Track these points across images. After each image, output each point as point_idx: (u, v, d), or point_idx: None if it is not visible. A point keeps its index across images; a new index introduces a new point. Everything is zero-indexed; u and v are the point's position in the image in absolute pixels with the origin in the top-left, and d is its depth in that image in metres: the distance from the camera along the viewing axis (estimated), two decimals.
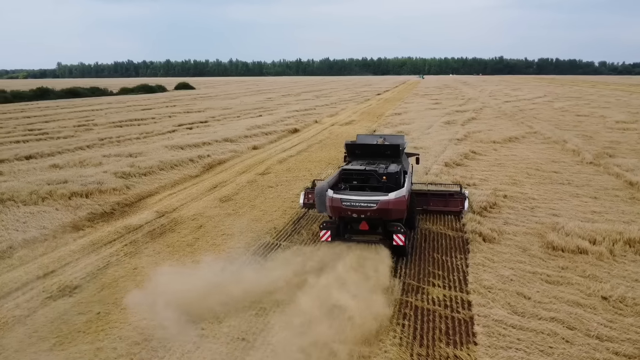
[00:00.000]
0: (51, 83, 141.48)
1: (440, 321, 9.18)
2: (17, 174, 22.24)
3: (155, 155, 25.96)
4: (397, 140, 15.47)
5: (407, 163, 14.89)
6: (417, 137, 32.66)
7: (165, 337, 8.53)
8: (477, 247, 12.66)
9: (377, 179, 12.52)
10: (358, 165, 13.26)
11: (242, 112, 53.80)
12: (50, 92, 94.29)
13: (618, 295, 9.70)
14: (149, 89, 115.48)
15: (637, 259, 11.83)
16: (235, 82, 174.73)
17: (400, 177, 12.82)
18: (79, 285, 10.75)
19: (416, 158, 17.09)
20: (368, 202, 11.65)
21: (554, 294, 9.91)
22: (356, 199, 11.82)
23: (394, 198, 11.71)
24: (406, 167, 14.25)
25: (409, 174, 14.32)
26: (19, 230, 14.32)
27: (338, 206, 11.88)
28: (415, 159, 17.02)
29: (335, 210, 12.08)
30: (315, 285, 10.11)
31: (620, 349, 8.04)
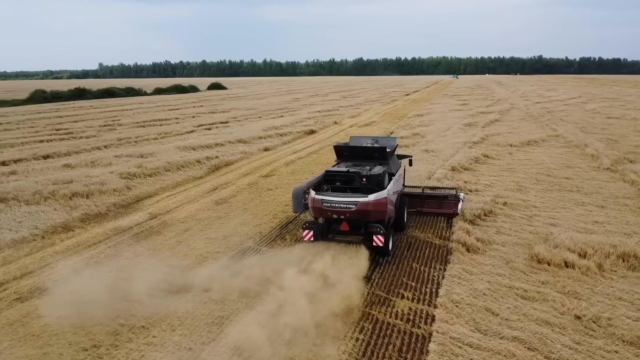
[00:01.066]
0: (91, 83, 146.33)
1: (397, 337, 8.83)
2: (30, 173, 22.95)
3: (165, 156, 26.30)
4: (389, 143, 15.51)
5: (395, 165, 14.72)
6: (431, 139, 31.97)
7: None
8: (458, 257, 12.18)
9: (359, 180, 12.54)
10: (342, 167, 13.36)
11: (265, 113, 54.07)
12: (87, 92, 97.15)
13: (593, 315, 9.10)
14: (182, 89, 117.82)
15: (627, 275, 11.11)
16: (268, 82, 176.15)
17: (383, 180, 12.75)
18: (49, 288, 10.89)
19: (409, 160, 17.01)
20: (347, 204, 11.91)
21: (525, 311, 9.38)
22: (336, 200, 12.02)
23: (373, 200, 11.88)
24: (393, 170, 14.13)
25: (397, 176, 14.30)
26: (12, 230, 14.70)
27: (319, 207, 12.18)
28: (408, 161, 16.94)
29: (316, 210, 12.39)
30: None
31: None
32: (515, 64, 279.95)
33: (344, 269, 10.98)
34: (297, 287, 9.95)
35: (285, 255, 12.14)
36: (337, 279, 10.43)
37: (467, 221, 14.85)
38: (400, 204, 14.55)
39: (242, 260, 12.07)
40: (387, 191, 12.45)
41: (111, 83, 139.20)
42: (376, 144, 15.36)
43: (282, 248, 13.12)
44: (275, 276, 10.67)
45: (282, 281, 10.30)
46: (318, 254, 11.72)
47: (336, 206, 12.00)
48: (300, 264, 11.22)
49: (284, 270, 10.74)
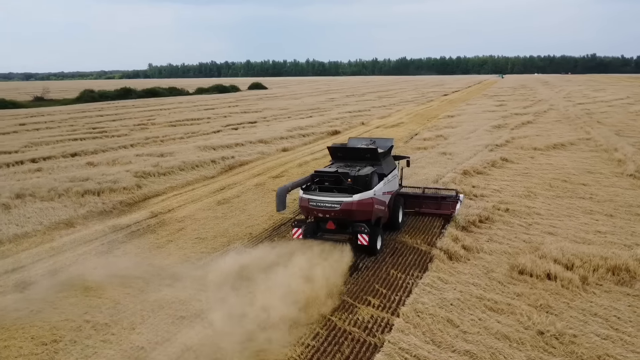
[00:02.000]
0: (138, 83, 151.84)
1: (349, 345, 8.72)
2: (53, 171, 24.08)
3: (183, 155, 26.94)
4: (385, 144, 15.77)
5: (389, 166, 14.80)
6: (453, 142, 31.27)
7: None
8: (437, 265, 11.87)
9: (345, 181, 12.74)
10: (332, 168, 13.63)
11: (295, 113, 54.41)
12: (132, 92, 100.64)
13: (557, 331, 8.66)
14: (223, 89, 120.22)
15: (612, 289, 10.51)
16: (308, 82, 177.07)
17: (371, 180, 12.88)
18: (34, 282, 11.41)
19: (407, 161, 17.10)
20: (332, 203, 12.28)
21: (488, 324, 9.05)
22: (322, 199, 12.39)
23: (358, 200, 12.19)
24: (385, 170, 14.25)
25: (390, 177, 14.43)
26: (18, 225, 15.49)
27: (306, 206, 12.65)
28: (405, 162, 17.03)
29: (304, 209, 12.92)
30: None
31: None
32: (566, 62, 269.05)
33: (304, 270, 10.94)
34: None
35: (249, 254, 12.32)
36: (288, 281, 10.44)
37: (460, 228, 14.45)
38: (394, 204, 14.74)
39: (217, 261, 12.17)
40: (373, 191, 12.69)
41: (157, 83, 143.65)
42: (372, 145, 15.46)
43: (252, 248, 13.22)
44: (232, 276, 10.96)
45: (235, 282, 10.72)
46: (282, 255, 11.84)
47: (322, 205, 12.38)
48: (260, 264, 11.41)
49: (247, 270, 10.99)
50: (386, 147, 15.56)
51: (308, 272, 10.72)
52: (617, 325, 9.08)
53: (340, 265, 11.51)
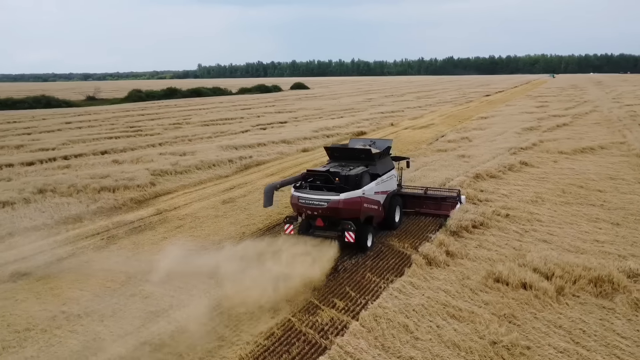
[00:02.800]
0: (187, 83, 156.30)
1: (299, 346, 8.84)
2: (80, 168, 25.35)
3: (204, 154, 27.70)
4: (384, 145, 16.14)
5: (384, 167, 15.14)
6: (476, 144, 30.60)
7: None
8: (414, 270, 11.74)
9: (333, 180, 13.14)
10: (327, 167, 14.14)
11: (328, 113, 54.62)
12: (177, 91, 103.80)
13: (510, 341, 8.44)
14: (265, 89, 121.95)
15: (589, 301, 10.09)
16: (351, 82, 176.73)
17: (361, 180, 13.24)
18: (28, 273, 12.16)
19: (406, 162, 17.36)
20: (320, 201, 12.77)
21: (443, 332, 8.93)
22: (311, 197, 12.87)
23: (344, 198, 12.61)
24: (380, 171, 14.59)
25: (386, 177, 14.86)
26: (31, 219, 16.49)
27: (296, 203, 13.23)
28: (405, 163, 17.31)
29: (294, 206, 13.46)
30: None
31: None
32: (625, 61, 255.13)
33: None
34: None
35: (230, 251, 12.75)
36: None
37: (450, 233, 14.21)
38: (390, 203, 15.05)
39: (200, 257, 12.55)
40: (362, 191, 13.10)
41: (204, 83, 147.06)
42: (371, 146, 15.74)
43: (234, 246, 13.54)
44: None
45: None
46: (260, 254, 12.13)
47: (310, 203, 12.89)
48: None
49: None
50: (382, 148, 15.72)
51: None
52: (580, 339, 8.74)
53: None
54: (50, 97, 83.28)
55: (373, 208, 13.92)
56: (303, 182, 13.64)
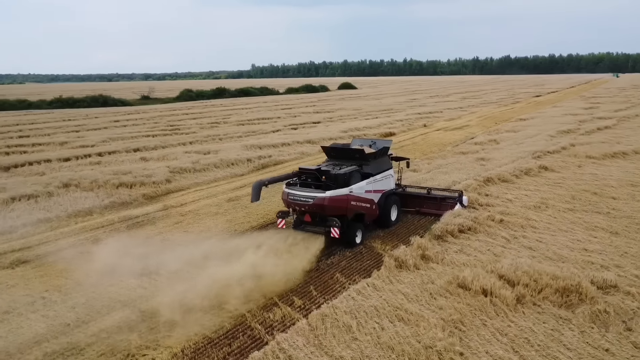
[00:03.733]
0: (238, 83, 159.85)
1: (241, 340, 9.20)
2: (109, 164, 26.86)
3: (226, 153, 28.59)
4: (383, 145, 16.55)
5: (379, 166, 15.53)
6: (502, 147, 29.83)
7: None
8: (382, 273, 11.79)
9: (329, 178, 13.81)
10: (322, 166, 14.89)
11: (364, 114, 54.56)
12: (226, 91, 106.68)
13: (443, 346, 8.40)
14: (312, 88, 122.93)
15: (548, 311, 9.81)
16: (401, 82, 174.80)
17: (349, 178, 13.83)
18: (28, 261, 13.22)
19: (406, 162, 17.71)
20: (306, 198, 13.44)
21: (383, 334, 8.98)
22: (299, 194, 13.57)
23: (329, 196, 13.22)
24: (373, 170, 15.06)
25: (380, 177, 15.32)
26: (47, 211, 17.77)
27: (286, 199, 13.99)
28: (405, 163, 17.70)
29: (285, 202, 14.21)
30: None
31: None
32: None
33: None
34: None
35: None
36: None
37: (434, 236, 14.10)
38: (386, 202, 15.49)
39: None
40: (349, 189, 13.67)
41: (254, 83, 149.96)
42: (373, 146, 16.37)
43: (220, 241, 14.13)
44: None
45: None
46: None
47: (298, 199, 13.60)
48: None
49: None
50: (378, 148, 16.06)
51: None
52: (521, 348, 8.57)
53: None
54: (107, 96, 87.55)
55: (363, 206, 14.39)
56: (297, 179, 14.34)
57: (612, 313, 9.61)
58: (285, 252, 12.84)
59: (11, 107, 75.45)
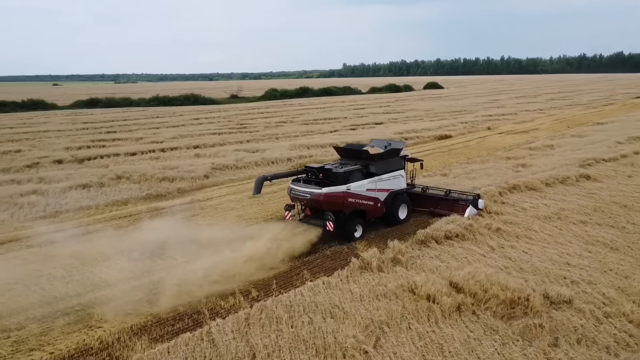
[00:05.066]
0: (322, 82, 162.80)
1: (185, 322, 10.27)
2: (165, 159, 29.40)
3: (271, 152, 30.04)
4: (397, 146, 17.36)
5: (386, 167, 16.32)
6: (553, 153, 28.34)
7: None
8: (343, 272, 12.20)
9: (332, 175, 14.98)
10: (328, 165, 16.16)
11: (433, 115, 53.68)
12: (309, 91, 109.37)
13: (352, 344, 8.80)
14: (395, 88, 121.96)
15: (484, 320, 9.75)
16: (494, 81, 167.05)
17: (348, 177, 14.90)
18: (55, 242, 15.25)
19: (420, 164, 18.43)
20: (305, 193, 14.57)
21: (309, 328, 9.53)
22: (299, 189, 14.85)
23: (325, 192, 14.33)
24: (379, 170, 15.98)
25: (387, 176, 16.16)
26: (91, 199, 20.22)
27: (289, 194, 15.24)
28: (419, 165, 18.50)
29: (289, 196, 15.42)
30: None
31: None
32: None
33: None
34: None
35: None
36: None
37: (417, 241, 14.22)
38: (393, 201, 16.31)
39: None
40: (346, 187, 14.71)
41: (341, 82, 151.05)
42: (388, 147, 17.19)
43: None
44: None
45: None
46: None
47: (299, 194, 14.78)
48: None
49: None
50: (392, 149, 16.86)
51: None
52: (430, 353, 8.74)
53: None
54: (198, 95, 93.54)
55: (364, 203, 15.34)
56: (305, 175, 15.57)
57: (547, 328, 9.39)
58: (284, 241, 13.96)
59: (116, 104, 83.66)
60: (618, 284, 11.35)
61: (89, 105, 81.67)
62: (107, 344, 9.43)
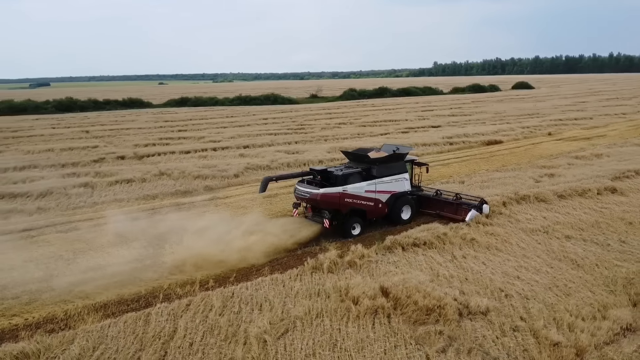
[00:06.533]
0: (407, 82, 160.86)
1: (137, 304, 11.95)
2: (211, 158, 31.84)
3: (308, 154, 31.43)
4: (403, 151, 18.69)
5: (387, 170, 17.49)
6: (597, 162, 26.75)
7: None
8: (293, 271, 13.21)
9: (332, 177, 16.57)
10: (331, 167, 17.85)
11: (499, 118, 52.00)
12: (387, 91, 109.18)
13: (256, 334, 9.90)
14: (479, 88, 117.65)
15: (392, 324, 10.38)
16: (594, 80, 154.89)
17: (346, 179, 16.36)
18: (79, 229, 17.87)
19: (426, 168, 19.65)
20: (305, 193, 16.24)
21: (228, 316, 10.83)
22: (301, 189, 16.60)
23: (322, 192, 15.82)
24: (378, 173, 17.17)
25: (388, 179, 17.36)
26: (127, 192, 22.90)
27: (295, 193, 16.96)
28: (425, 169, 19.69)
29: (295, 196, 17.10)
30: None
31: None
32: None
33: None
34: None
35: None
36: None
37: (384, 247, 14.81)
38: (395, 203, 17.52)
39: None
40: (343, 188, 16.12)
41: (425, 82, 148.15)
42: (397, 151, 18.52)
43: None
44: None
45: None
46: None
47: (300, 194, 16.48)
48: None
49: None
50: (389, 153, 18.17)
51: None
52: (320, 348, 9.59)
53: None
54: (278, 95, 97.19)
55: (362, 203, 16.65)
56: (312, 177, 17.19)
57: (446, 335, 9.83)
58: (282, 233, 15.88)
59: (203, 103, 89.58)
60: (552, 300, 11.30)
61: (179, 104, 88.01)
62: (69, 316, 11.33)
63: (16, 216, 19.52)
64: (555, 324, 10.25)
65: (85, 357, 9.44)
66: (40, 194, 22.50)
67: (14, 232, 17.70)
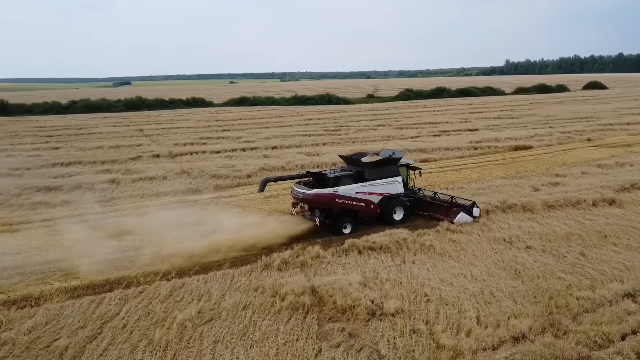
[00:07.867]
0: (476, 81, 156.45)
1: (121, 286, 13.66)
2: (235, 158, 33.66)
3: (325, 156, 32.35)
4: (397, 156, 19.81)
5: (379, 173, 18.60)
6: (622, 170, 25.62)
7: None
8: (247, 267, 14.48)
9: (327, 179, 18.03)
10: (316, 169, 19.54)
11: (542, 123, 50.08)
12: (445, 91, 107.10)
13: (181, 320, 11.23)
14: (545, 88, 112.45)
15: (306, 320, 11.30)
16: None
17: (337, 181, 17.84)
18: (87, 221, 20.02)
19: (419, 172, 20.91)
20: (299, 193, 17.78)
21: (177, 303, 12.25)
22: (297, 190, 18.21)
23: (313, 193, 17.41)
24: (370, 176, 18.40)
25: (380, 182, 18.53)
26: (144, 189, 25.07)
27: (291, 193, 18.51)
28: (417, 173, 20.86)
29: (292, 196, 18.63)
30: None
31: None
32: None
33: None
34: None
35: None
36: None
37: (342, 249, 15.63)
38: (388, 204, 18.62)
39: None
40: (333, 189, 17.53)
41: (492, 82, 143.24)
42: (392, 156, 19.74)
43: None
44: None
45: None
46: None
47: (296, 194, 18.00)
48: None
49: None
50: (381, 158, 19.21)
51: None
52: (227, 334, 10.73)
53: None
54: (332, 95, 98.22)
55: (354, 204, 17.87)
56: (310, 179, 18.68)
57: (346, 332, 10.67)
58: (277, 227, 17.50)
59: (260, 102, 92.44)
60: (468, 307, 11.68)
61: (238, 103, 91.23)
62: (43, 295, 13.22)
63: (42, 207, 22.15)
64: (456, 329, 10.72)
65: (35, 330, 11.19)
66: (71, 188, 25.22)
67: (35, 222, 20.21)
